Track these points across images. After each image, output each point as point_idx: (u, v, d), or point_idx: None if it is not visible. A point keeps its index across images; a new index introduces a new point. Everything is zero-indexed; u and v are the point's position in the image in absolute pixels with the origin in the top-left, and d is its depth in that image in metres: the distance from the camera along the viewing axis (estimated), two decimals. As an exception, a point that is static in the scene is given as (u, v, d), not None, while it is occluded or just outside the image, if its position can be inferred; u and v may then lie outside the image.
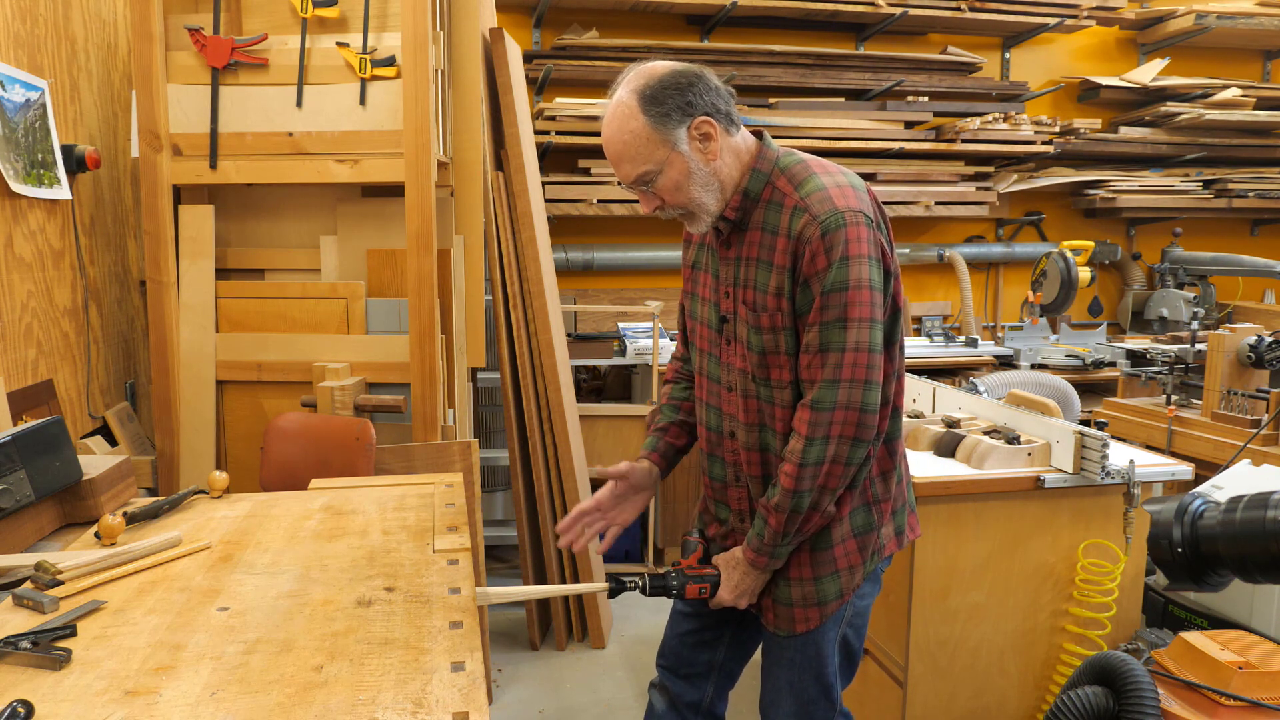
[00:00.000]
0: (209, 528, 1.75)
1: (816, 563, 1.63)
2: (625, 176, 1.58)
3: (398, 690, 1.13)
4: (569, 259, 4.69)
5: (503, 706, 2.94)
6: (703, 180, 1.56)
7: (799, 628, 1.66)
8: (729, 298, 1.63)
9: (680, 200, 1.57)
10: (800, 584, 1.64)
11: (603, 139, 1.58)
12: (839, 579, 1.64)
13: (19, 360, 2.38)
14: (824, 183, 1.54)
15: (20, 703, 1.06)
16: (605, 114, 1.58)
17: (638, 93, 1.52)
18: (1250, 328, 3.05)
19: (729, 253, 1.63)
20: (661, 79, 1.52)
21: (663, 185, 1.55)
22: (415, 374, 2.67)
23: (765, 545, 1.59)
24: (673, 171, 1.54)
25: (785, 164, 1.59)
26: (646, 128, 1.52)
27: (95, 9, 2.83)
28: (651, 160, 1.54)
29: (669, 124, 1.52)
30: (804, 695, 1.70)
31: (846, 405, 1.50)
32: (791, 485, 1.53)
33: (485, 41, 3.26)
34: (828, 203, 1.50)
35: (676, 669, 1.83)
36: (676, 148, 1.53)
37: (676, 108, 1.52)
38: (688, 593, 1.65)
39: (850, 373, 1.50)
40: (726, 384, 1.67)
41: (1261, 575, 1.37)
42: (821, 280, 1.49)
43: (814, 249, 1.49)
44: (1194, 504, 1.45)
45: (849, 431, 1.51)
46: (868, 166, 4.84)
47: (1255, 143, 5.29)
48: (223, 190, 2.79)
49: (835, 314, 1.49)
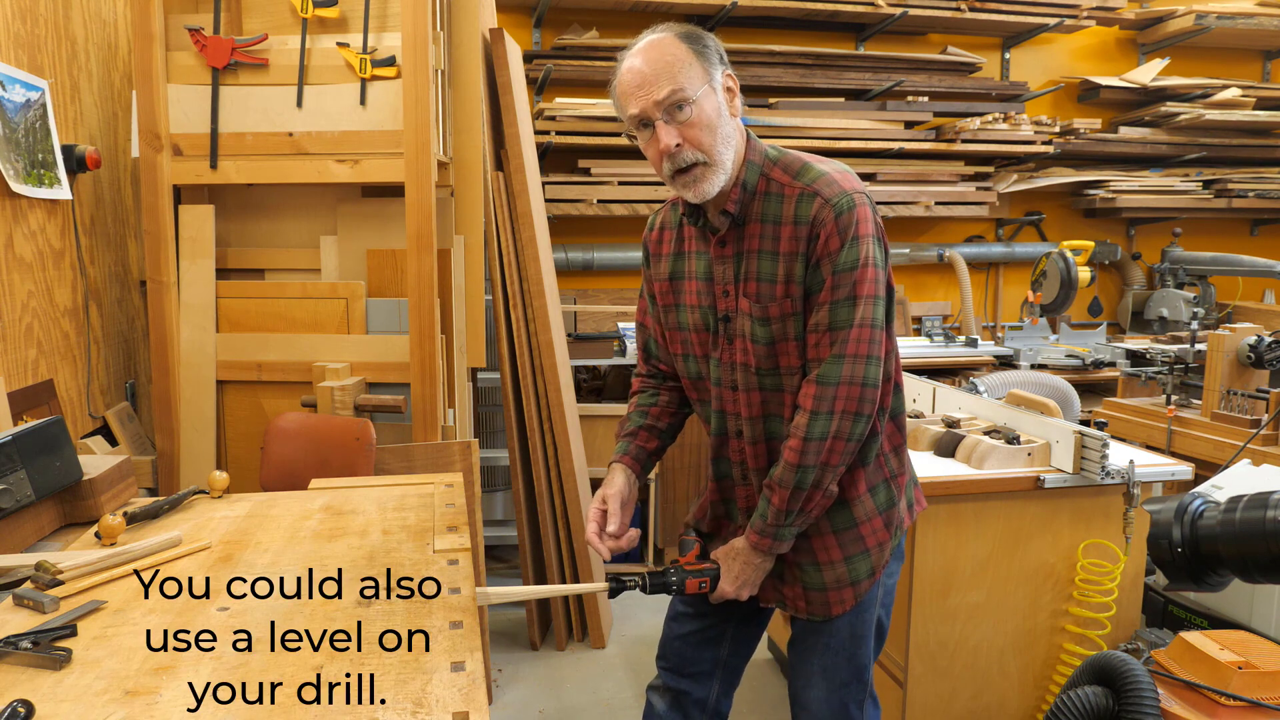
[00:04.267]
0: (209, 528, 1.75)
1: (844, 543, 1.64)
2: (655, 96, 1.47)
3: (398, 690, 1.13)
4: (569, 259, 4.69)
5: (503, 706, 2.94)
6: (725, 133, 1.52)
7: (835, 610, 1.66)
8: (728, 295, 1.62)
9: (706, 142, 1.49)
10: (831, 567, 1.64)
11: (629, 69, 1.51)
12: (869, 557, 1.65)
13: (19, 360, 2.38)
14: (824, 169, 1.55)
15: (20, 703, 1.06)
16: (635, 49, 1.52)
17: (674, 31, 1.52)
18: (1250, 328, 3.05)
19: (725, 250, 1.61)
20: (695, 28, 1.53)
21: (696, 117, 1.48)
22: (415, 374, 2.67)
23: (768, 526, 1.58)
24: (708, 105, 1.50)
25: (775, 156, 1.59)
26: (689, 54, 1.49)
27: (95, 9, 2.83)
28: (690, 83, 1.48)
29: (708, 59, 1.51)
30: (836, 678, 1.70)
31: (850, 380, 1.52)
32: (796, 460, 1.53)
33: (485, 41, 3.26)
34: (835, 185, 1.52)
35: (680, 669, 1.82)
36: (712, 83, 1.51)
37: (715, 50, 1.53)
38: (688, 588, 1.65)
39: (855, 348, 1.52)
40: (729, 384, 1.65)
41: (1261, 575, 1.37)
42: (834, 260, 1.50)
43: (828, 231, 1.50)
44: (1194, 504, 1.46)
45: (851, 406, 1.52)
46: (868, 166, 4.85)
47: (1255, 143, 5.29)
48: (223, 190, 2.79)
49: (845, 292, 1.51)
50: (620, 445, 1.80)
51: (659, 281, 1.74)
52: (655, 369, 1.85)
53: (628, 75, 1.51)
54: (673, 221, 1.73)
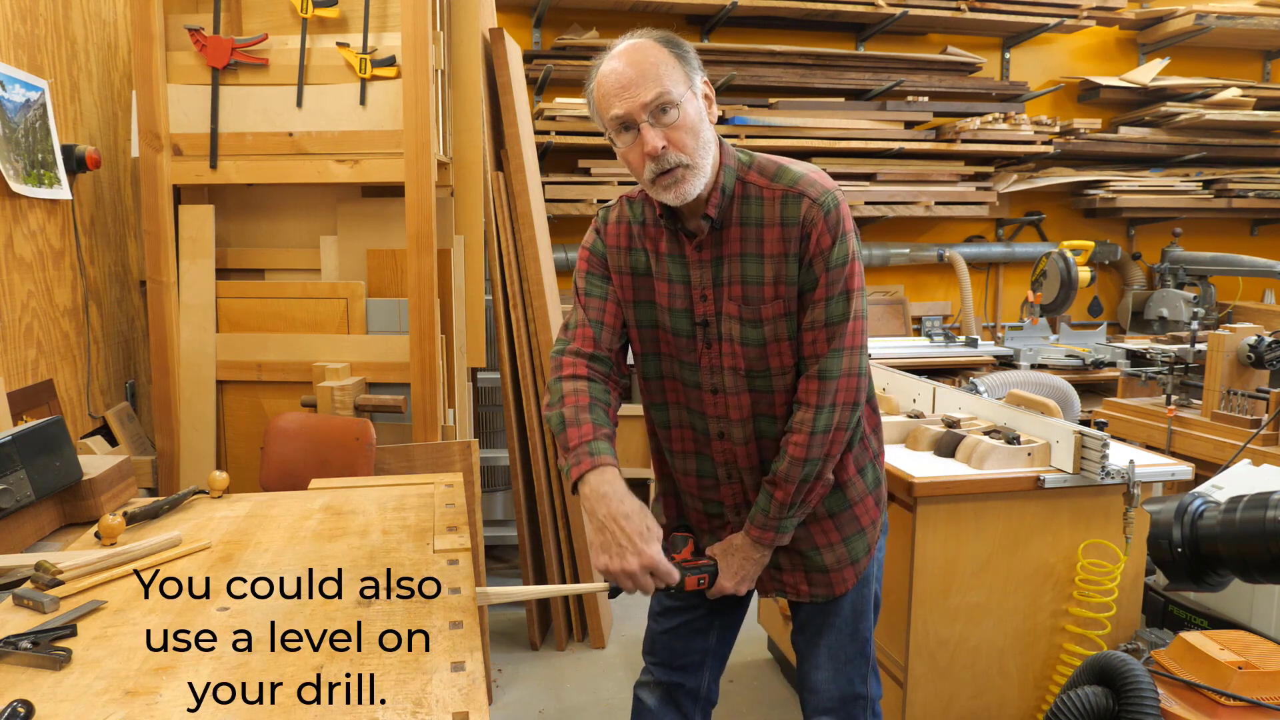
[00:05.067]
0: (209, 528, 1.75)
1: (841, 524, 1.69)
2: (642, 98, 1.45)
3: (398, 690, 1.13)
4: (569, 259, 4.69)
5: (503, 706, 2.94)
6: (706, 138, 1.52)
7: (838, 589, 1.71)
8: (706, 300, 1.59)
9: (690, 145, 1.48)
10: (831, 549, 1.69)
11: (610, 71, 1.49)
12: (865, 535, 1.71)
13: (19, 360, 2.38)
14: (801, 170, 1.57)
15: (20, 703, 1.06)
16: (615, 51, 1.50)
17: (653, 36, 1.52)
18: (1250, 328, 3.04)
19: (703, 255, 1.58)
20: (672, 35, 1.54)
21: (682, 120, 1.48)
22: (415, 374, 2.67)
23: (771, 520, 1.60)
24: (690, 108, 1.49)
25: (747, 160, 1.60)
26: (671, 58, 1.49)
27: (95, 9, 2.83)
28: (675, 85, 1.47)
29: (689, 64, 1.52)
30: (842, 655, 1.74)
31: (849, 372, 1.56)
32: (802, 454, 1.56)
33: (485, 41, 3.26)
34: (817, 185, 1.54)
35: (671, 662, 1.84)
36: (693, 88, 1.51)
37: (694, 56, 1.54)
38: (687, 585, 1.65)
39: (850, 340, 1.56)
40: (710, 387, 1.63)
41: (1261, 575, 1.37)
42: (827, 258, 1.52)
43: (820, 229, 1.52)
44: (1194, 504, 1.46)
45: (850, 397, 1.57)
46: (868, 166, 4.84)
47: (1255, 143, 5.29)
48: (223, 190, 2.79)
49: (840, 288, 1.54)
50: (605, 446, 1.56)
51: (615, 274, 1.68)
52: (607, 362, 1.66)
53: (610, 77, 1.49)
54: (631, 217, 1.67)
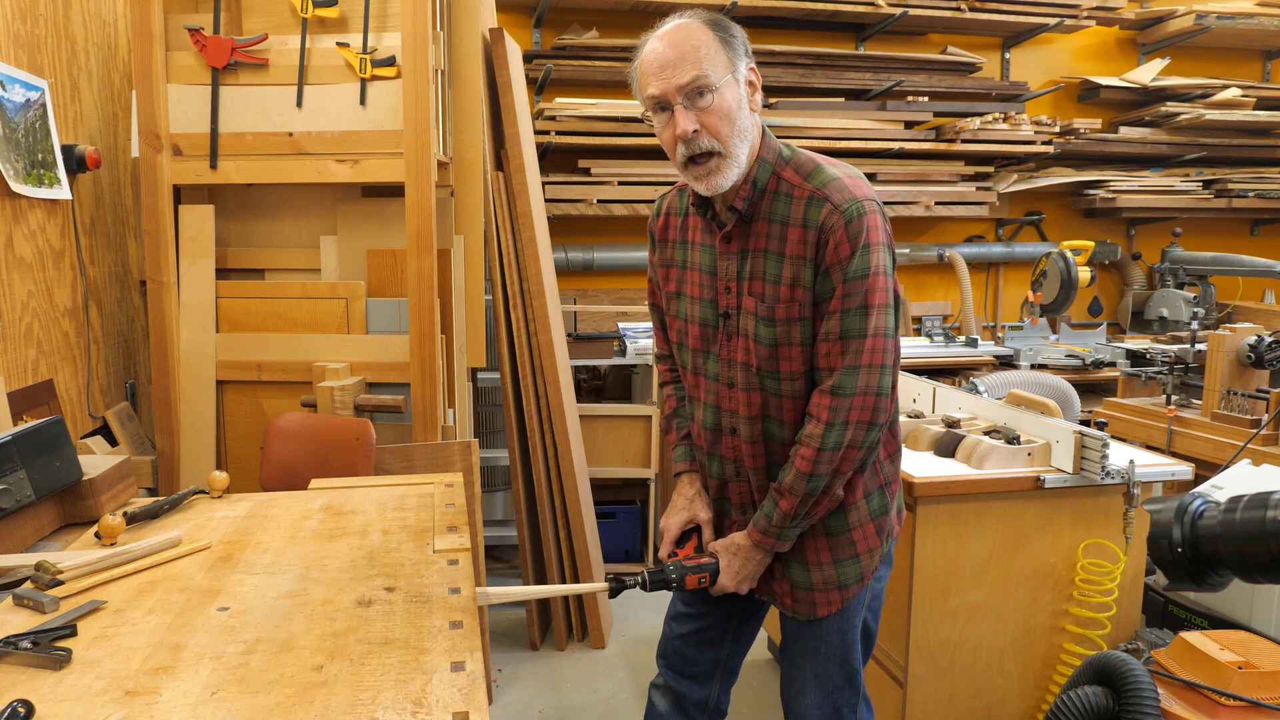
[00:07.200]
0: (209, 528, 1.75)
1: (834, 547, 1.64)
2: (678, 80, 1.45)
3: (398, 690, 1.13)
4: (569, 259, 4.69)
5: (503, 706, 2.94)
6: (743, 126, 1.50)
7: (820, 611, 1.66)
8: (730, 292, 1.61)
9: (723, 132, 1.48)
10: (819, 568, 1.64)
11: (651, 50, 1.49)
12: (859, 563, 1.65)
13: (19, 360, 2.38)
14: (836, 173, 1.53)
15: (20, 703, 1.06)
16: (661, 31, 1.50)
17: (702, 17, 1.50)
18: (1250, 328, 3.04)
19: (730, 246, 1.59)
20: (723, 17, 1.52)
21: (717, 105, 1.47)
22: (415, 374, 2.67)
23: (773, 527, 1.59)
24: (729, 94, 1.48)
25: (788, 155, 1.58)
26: (715, 41, 1.48)
27: (95, 9, 2.83)
28: (714, 69, 1.46)
29: (734, 49, 1.50)
30: (829, 684, 1.70)
31: (865, 390, 1.51)
32: (809, 469, 1.53)
33: (485, 41, 3.26)
34: (846, 192, 1.50)
35: (681, 669, 1.83)
36: (735, 74, 1.49)
37: (741, 41, 1.52)
38: (687, 583, 1.65)
39: (869, 358, 1.51)
40: (726, 380, 1.65)
41: (1261, 575, 1.37)
42: (844, 269, 1.49)
43: (838, 238, 1.48)
44: (1194, 504, 1.45)
45: (865, 416, 1.52)
46: (868, 166, 4.84)
47: (1255, 143, 5.29)
48: (223, 190, 2.79)
49: (857, 301, 1.50)
50: (683, 451, 1.81)
51: (662, 267, 1.73)
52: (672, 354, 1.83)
53: (650, 56, 1.49)
54: (678, 208, 1.71)
